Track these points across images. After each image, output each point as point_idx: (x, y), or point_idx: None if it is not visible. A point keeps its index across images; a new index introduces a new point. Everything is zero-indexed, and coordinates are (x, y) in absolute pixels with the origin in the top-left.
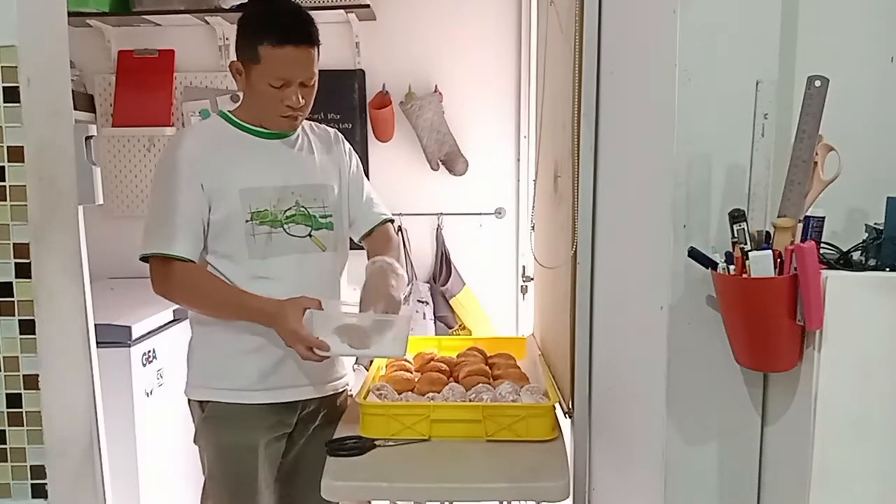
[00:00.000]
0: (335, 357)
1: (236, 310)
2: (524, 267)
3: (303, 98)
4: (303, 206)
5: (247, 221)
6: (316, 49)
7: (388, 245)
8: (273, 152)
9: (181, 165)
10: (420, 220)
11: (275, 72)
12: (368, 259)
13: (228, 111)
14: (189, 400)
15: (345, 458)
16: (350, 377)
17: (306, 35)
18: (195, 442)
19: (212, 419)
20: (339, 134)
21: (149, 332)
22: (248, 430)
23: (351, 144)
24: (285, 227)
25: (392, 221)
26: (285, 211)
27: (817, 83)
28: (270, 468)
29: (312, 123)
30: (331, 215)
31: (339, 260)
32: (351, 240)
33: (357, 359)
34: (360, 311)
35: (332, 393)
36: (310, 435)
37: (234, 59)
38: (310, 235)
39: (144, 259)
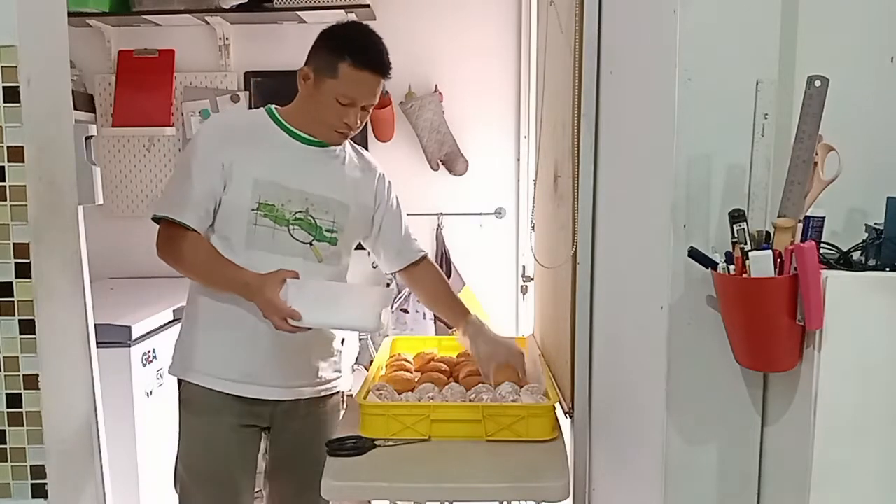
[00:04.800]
0: (332, 359)
1: (221, 279)
2: (524, 267)
3: (360, 120)
4: (311, 215)
5: (251, 210)
6: (384, 82)
7: (445, 283)
8: (302, 156)
9: (209, 141)
10: (420, 220)
11: (347, 90)
12: (416, 292)
13: (275, 108)
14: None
15: (345, 458)
16: (348, 379)
17: (385, 66)
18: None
19: (184, 400)
20: (380, 167)
21: (149, 332)
22: (216, 414)
23: (350, 144)
24: (290, 228)
25: (426, 255)
26: (294, 212)
27: (817, 83)
28: (244, 454)
29: (360, 148)
30: (337, 231)
31: (333, 275)
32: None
33: (357, 359)
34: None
35: (308, 397)
36: (294, 433)
37: (305, 65)
38: (311, 244)
39: (156, 220)
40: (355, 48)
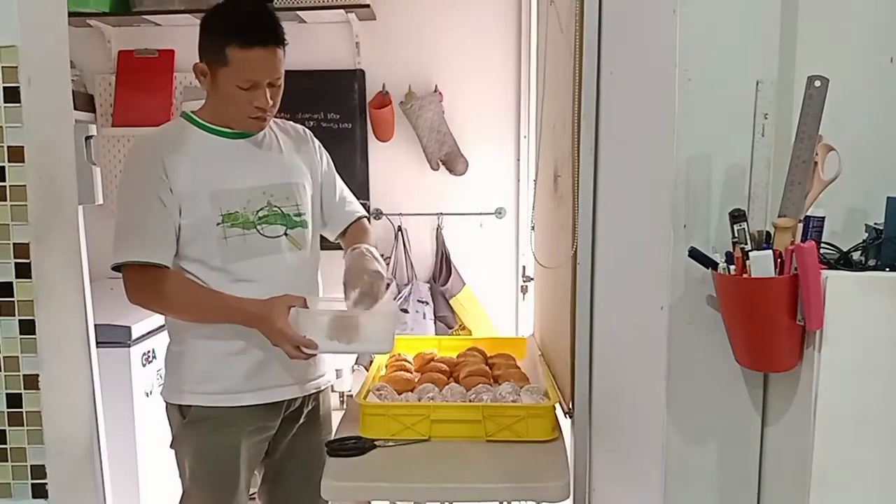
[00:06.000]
0: (322, 355)
1: (219, 313)
2: (524, 267)
3: (271, 98)
4: (276, 206)
5: (217, 224)
6: (282, 49)
7: (366, 236)
8: (241, 153)
9: (149, 171)
10: (420, 220)
11: (243, 74)
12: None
13: (192, 112)
14: (167, 405)
15: (345, 458)
16: (331, 375)
17: (274, 35)
18: (171, 446)
19: (194, 423)
20: (309, 131)
21: (148, 333)
22: (232, 432)
23: (351, 144)
24: (258, 228)
25: (367, 217)
26: (257, 212)
27: (817, 83)
28: (250, 469)
29: (279, 120)
30: (304, 213)
31: (314, 257)
32: (324, 239)
33: (357, 359)
34: (345, 293)
35: (314, 391)
36: (294, 434)
37: (198, 60)
38: (285, 234)
39: (117, 268)
40: (237, 27)
